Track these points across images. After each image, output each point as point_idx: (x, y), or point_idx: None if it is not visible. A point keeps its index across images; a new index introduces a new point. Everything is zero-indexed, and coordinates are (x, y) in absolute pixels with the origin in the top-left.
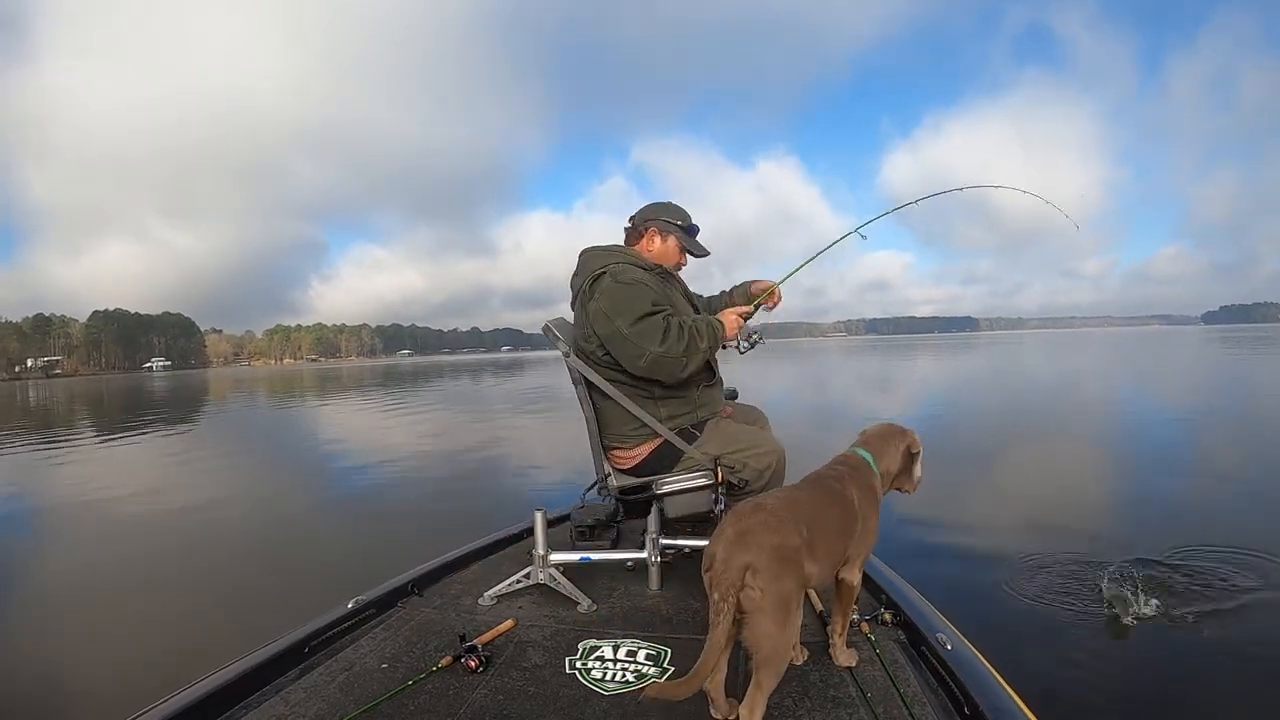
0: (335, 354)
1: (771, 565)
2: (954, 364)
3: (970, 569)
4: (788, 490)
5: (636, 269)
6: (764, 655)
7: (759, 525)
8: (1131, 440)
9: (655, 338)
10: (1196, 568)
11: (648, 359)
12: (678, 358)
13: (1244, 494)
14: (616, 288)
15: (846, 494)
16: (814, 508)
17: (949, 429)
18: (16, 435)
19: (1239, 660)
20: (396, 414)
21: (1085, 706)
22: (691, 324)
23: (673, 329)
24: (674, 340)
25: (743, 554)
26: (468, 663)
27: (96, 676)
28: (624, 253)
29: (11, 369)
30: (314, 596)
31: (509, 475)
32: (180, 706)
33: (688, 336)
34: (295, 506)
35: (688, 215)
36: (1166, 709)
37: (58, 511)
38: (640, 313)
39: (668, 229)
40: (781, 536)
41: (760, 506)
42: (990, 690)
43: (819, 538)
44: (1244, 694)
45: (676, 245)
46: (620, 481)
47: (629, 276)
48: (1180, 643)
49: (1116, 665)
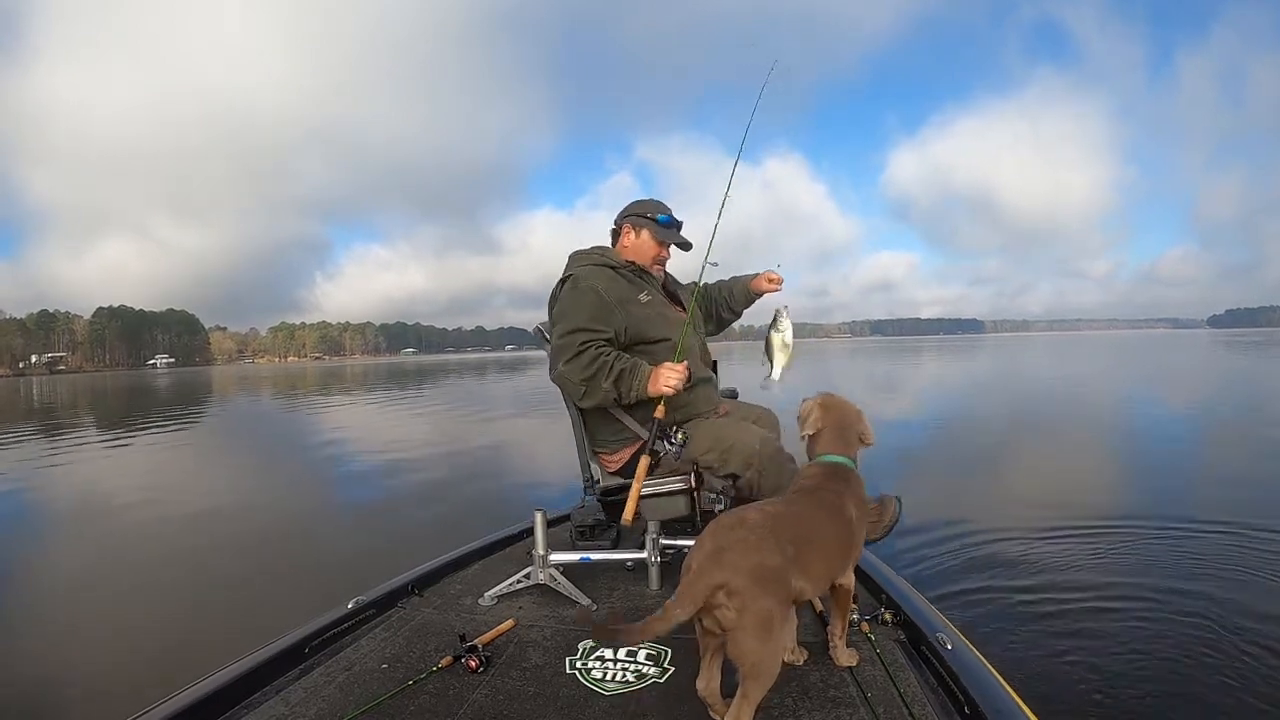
0: (339, 352)
1: (748, 586)
2: (953, 366)
3: (970, 567)
4: (780, 504)
5: (604, 271)
6: (748, 669)
7: (736, 543)
8: (1132, 440)
9: (565, 355)
10: (1199, 567)
11: (555, 373)
12: (576, 384)
13: (1245, 487)
14: (566, 295)
15: (846, 513)
16: (807, 526)
17: (951, 430)
18: (18, 432)
19: (1241, 660)
20: (398, 413)
21: (1086, 706)
22: (609, 359)
23: (584, 356)
24: (579, 367)
25: (716, 573)
26: (468, 663)
27: (97, 677)
28: (600, 254)
29: (15, 365)
30: (314, 596)
31: (509, 475)
32: (180, 706)
33: (595, 368)
34: (295, 506)
35: (664, 208)
36: (1167, 709)
37: (58, 511)
38: (570, 325)
39: (640, 223)
40: (759, 556)
41: (742, 522)
42: (990, 690)
43: (813, 555)
44: (1244, 694)
45: (650, 238)
46: (606, 483)
47: (586, 284)
48: (1180, 642)
49: (1117, 665)
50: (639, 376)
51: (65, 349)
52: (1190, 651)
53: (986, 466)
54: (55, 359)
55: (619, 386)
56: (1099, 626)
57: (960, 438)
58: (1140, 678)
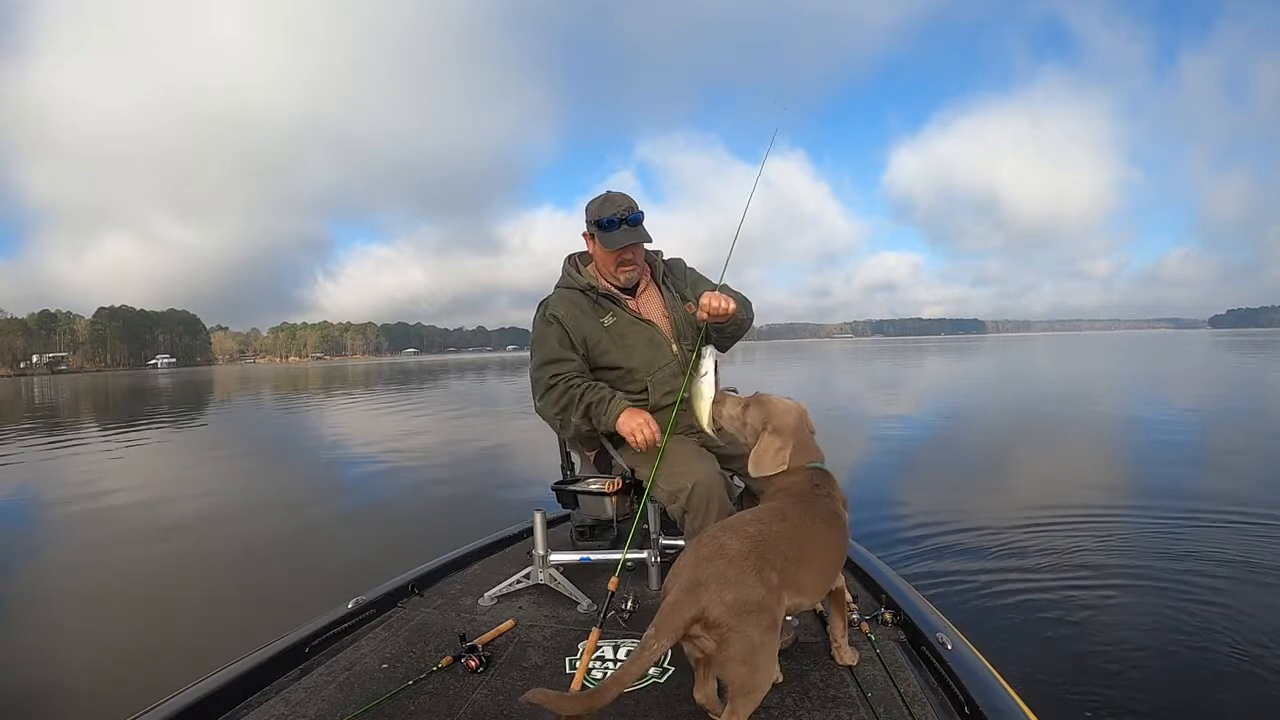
0: (340, 352)
1: (727, 619)
2: (951, 368)
3: (970, 566)
4: (771, 517)
5: (569, 294)
6: (736, 689)
7: (713, 578)
8: (1132, 440)
9: (538, 391)
10: (1201, 568)
11: (535, 408)
12: (552, 418)
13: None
14: (536, 324)
15: (843, 518)
16: (801, 543)
17: (951, 429)
18: (20, 431)
19: (1243, 660)
20: (399, 412)
21: (1086, 705)
22: (577, 393)
23: (555, 392)
24: (551, 403)
25: (692, 607)
26: (468, 663)
27: (97, 677)
28: (570, 275)
29: (16, 365)
30: (314, 596)
31: (509, 475)
32: (180, 706)
33: (564, 402)
34: (295, 506)
35: (612, 204)
36: (1167, 707)
37: (59, 511)
38: (538, 360)
39: (591, 230)
40: (737, 591)
41: (721, 551)
42: (990, 690)
43: (806, 571)
44: (1245, 694)
45: (599, 247)
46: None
47: (550, 312)
48: (1181, 641)
49: (1117, 664)
50: (607, 412)
51: (66, 349)
52: (1191, 651)
53: (987, 465)
54: (57, 359)
55: (590, 419)
56: (1099, 625)
57: (960, 437)
58: (1141, 677)
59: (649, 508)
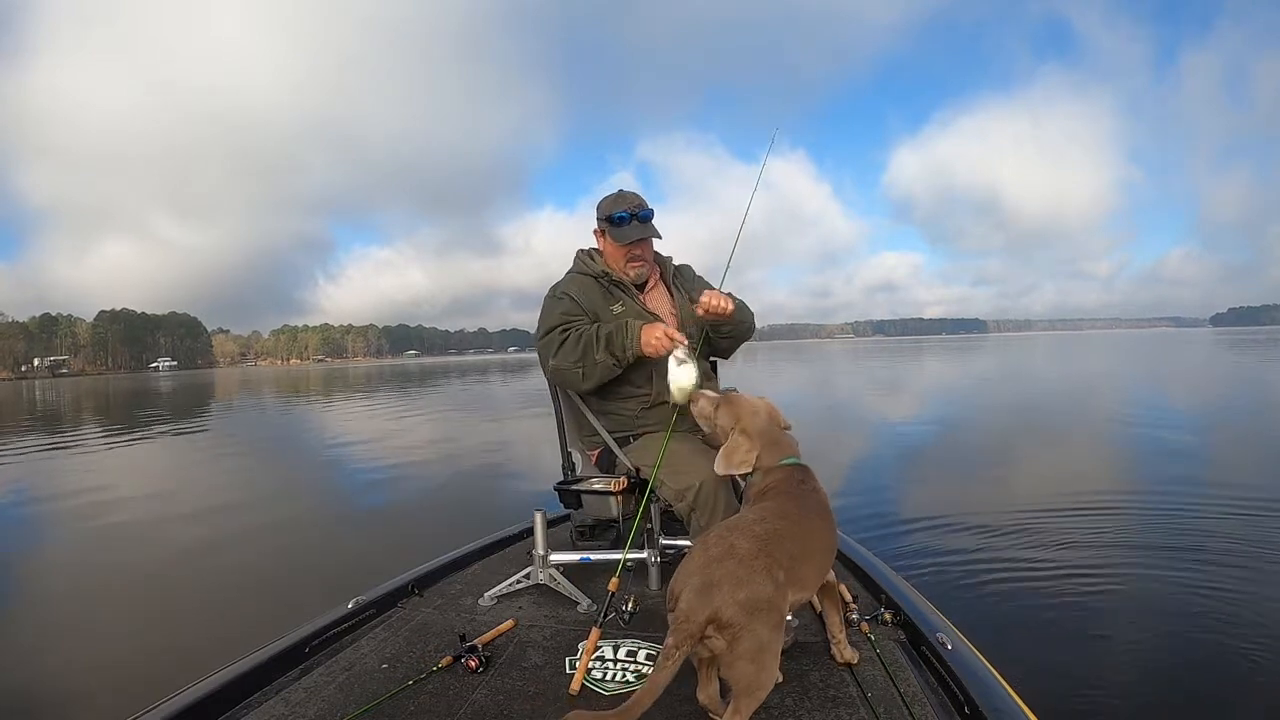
0: (342, 354)
1: (739, 618)
2: (952, 368)
3: (971, 568)
4: (771, 515)
5: (582, 279)
6: (741, 688)
7: (726, 577)
8: (1133, 439)
9: (551, 349)
10: (1202, 567)
11: (550, 370)
12: (571, 368)
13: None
14: (546, 303)
15: (831, 510)
16: (803, 539)
17: (952, 428)
18: (21, 434)
19: (1245, 658)
20: (399, 414)
21: (1086, 705)
22: (592, 331)
23: (569, 341)
24: (568, 352)
25: (705, 609)
26: (468, 663)
27: (97, 677)
28: (584, 261)
29: (18, 368)
30: (314, 596)
31: (510, 475)
32: (180, 706)
33: (582, 345)
34: (295, 506)
35: (624, 201)
36: (1169, 708)
37: (59, 511)
38: (547, 326)
39: (602, 226)
40: (750, 589)
41: (731, 551)
42: (990, 690)
43: (808, 566)
44: (1246, 692)
45: (610, 243)
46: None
47: (561, 291)
48: (1181, 640)
49: (1117, 663)
50: (628, 334)
51: (68, 352)
52: (1192, 650)
53: (988, 464)
54: (58, 362)
55: (613, 351)
56: (1100, 625)
57: (961, 436)
58: (1141, 676)
59: (651, 507)
